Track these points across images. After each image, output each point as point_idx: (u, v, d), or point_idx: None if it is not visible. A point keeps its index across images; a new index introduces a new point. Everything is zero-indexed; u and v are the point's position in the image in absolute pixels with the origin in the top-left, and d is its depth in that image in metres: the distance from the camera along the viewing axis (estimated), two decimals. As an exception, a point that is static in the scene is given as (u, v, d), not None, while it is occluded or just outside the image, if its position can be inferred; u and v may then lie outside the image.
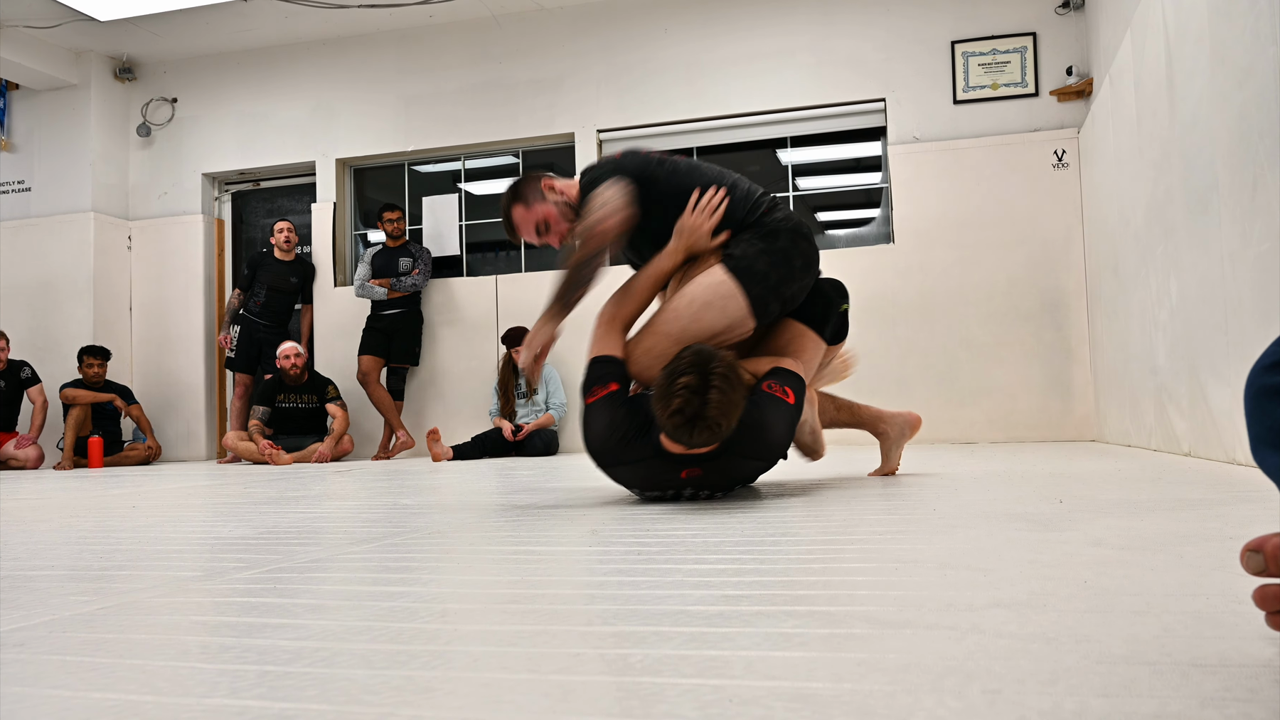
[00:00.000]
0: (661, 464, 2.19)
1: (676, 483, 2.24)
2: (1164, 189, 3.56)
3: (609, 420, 2.25)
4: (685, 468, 2.19)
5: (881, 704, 0.68)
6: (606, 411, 2.27)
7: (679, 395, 2.02)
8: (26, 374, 6.69)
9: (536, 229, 2.64)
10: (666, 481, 2.24)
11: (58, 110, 7.25)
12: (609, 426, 2.24)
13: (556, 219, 2.63)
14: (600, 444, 2.27)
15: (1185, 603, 0.98)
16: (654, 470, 2.22)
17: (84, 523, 2.38)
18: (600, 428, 2.26)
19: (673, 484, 2.24)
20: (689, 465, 2.19)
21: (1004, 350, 5.65)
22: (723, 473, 2.24)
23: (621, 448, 2.23)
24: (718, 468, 2.21)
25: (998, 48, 5.82)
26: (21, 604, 1.23)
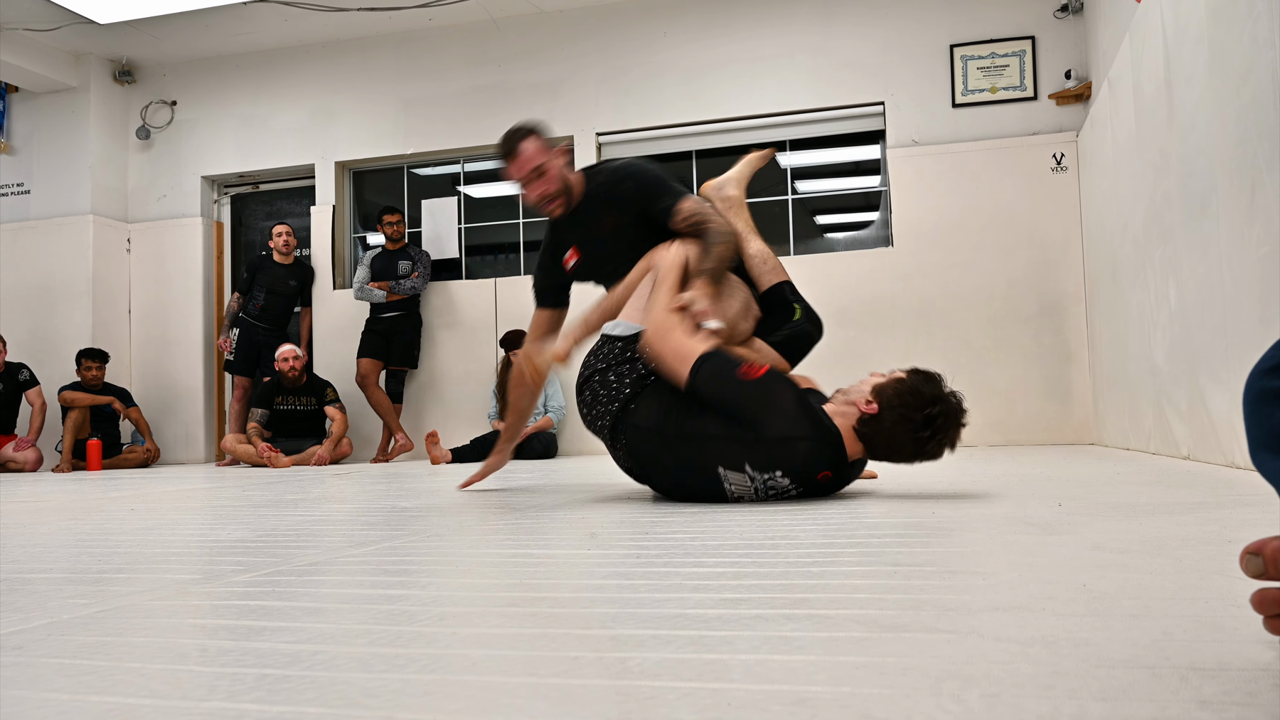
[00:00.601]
0: (823, 453, 2.16)
1: (807, 479, 2.19)
2: (1162, 192, 3.56)
3: (796, 395, 2.19)
4: (829, 469, 2.19)
5: (880, 708, 0.68)
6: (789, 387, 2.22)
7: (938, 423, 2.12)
8: (25, 376, 6.68)
9: (535, 169, 2.72)
10: (805, 472, 2.18)
11: (57, 113, 7.25)
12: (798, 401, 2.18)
13: (553, 175, 2.73)
14: (792, 414, 2.16)
15: (1184, 606, 0.98)
16: (811, 455, 2.16)
17: (82, 525, 2.38)
18: (790, 395, 2.18)
19: (804, 480, 2.19)
20: (837, 468, 2.20)
21: (1003, 353, 5.65)
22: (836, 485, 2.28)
23: (799, 419, 2.16)
24: (841, 479, 2.26)
25: (996, 51, 5.83)
26: (20, 606, 1.23)
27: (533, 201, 2.79)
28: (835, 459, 2.18)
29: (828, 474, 2.20)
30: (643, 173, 2.74)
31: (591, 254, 2.85)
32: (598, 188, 2.79)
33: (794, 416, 2.15)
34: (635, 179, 2.72)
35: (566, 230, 2.88)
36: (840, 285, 5.92)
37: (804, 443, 2.15)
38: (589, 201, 2.80)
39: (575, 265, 2.90)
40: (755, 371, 2.18)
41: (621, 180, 2.74)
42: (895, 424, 2.12)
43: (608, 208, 2.76)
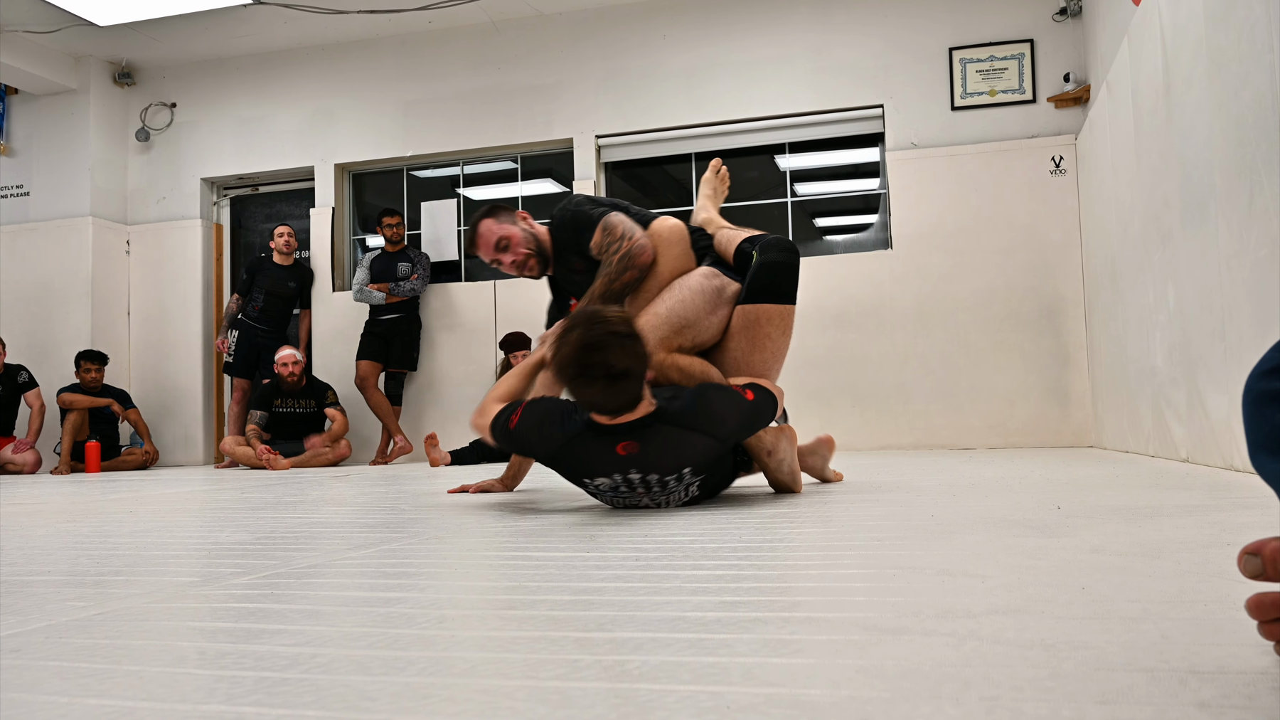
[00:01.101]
0: (597, 442, 2.16)
1: (616, 460, 2.14)
2: (1161, 196, 3.57)
3: (537, 416, 2.28)
4: (619, 441, 2.13)
5: (879, 711, 0.68)
6: (530, 414, 2.30)
7: (565, 346, 2.08)
8: (24, 378, 6.68)
9: (497, 244, 2.83)
10: (606, 462, 2.15)
11: (57, 115, 7.25)
12: (539, 419, 2.27)
13: (518, 241, 2.83)
14: (539, 437, 2.25)
15: (1183, 609, 0.98)
16: (591, 452, 2.17)
17: (81, 528, 2.38)
18: (532, 423, 2.27)
19: (613, 463, 2.14)
20: (622, 438, 2.13)
21: (1002, 356, 5.66)
22: (662, 447, 2.14)
23: (558, 432, 2.21)
24: (654, 441, 2.13)
25: (995, 54, 5.84)
26: (18, 609, 1.23)
27: (513, 272, 2.87)
28: (608, 433, 2.14)
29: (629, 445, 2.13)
30: (565, 215, 2.78)
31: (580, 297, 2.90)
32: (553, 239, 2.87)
33: (541, 436, 2.25)
34: (563, 226, 2.79)
35: (560, 282, 3.01)
36: (839, 288, 5.93)
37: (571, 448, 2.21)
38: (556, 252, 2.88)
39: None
40: (516, 415, 2.31)
41: (558, 229, 2.82)
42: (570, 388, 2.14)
43: (566, 256, 2.84)
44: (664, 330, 2.49)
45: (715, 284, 2.59)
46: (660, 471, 2.16)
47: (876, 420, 5.80)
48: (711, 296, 2.57)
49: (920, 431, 5.73)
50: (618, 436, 2.14)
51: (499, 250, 2.83)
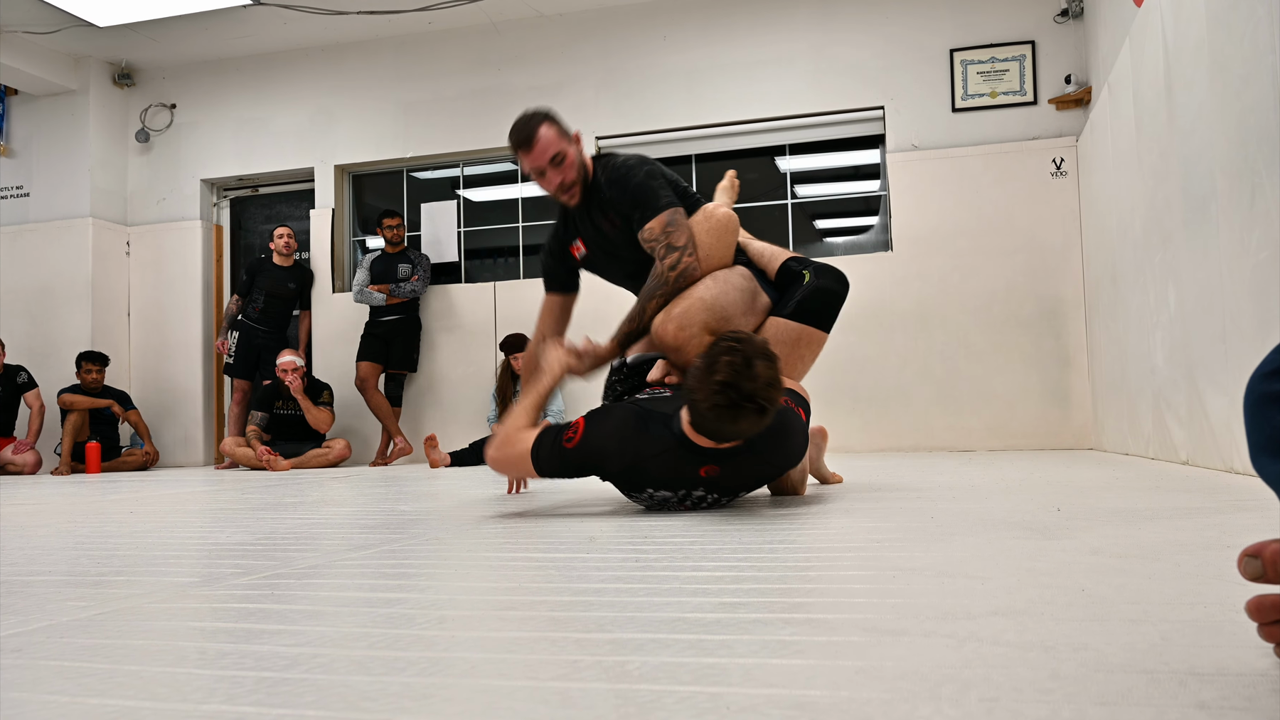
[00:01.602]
0: (683, 461, 2.09)
1: (692, 480, 2.12)
2: (1162, 197, 3.57)
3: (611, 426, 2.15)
4: (706, 464, 2.09)
5: (879, 712, 0.68)
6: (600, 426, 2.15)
7: (722, 370, 1.92)
8: (23, 379, 6.68)
9: (554, 157, 2.63)
10: (683, 479, 2.12)
11: (57, 116, 7.25)
12: (616, 429, 2.13)
13: (571, 163, 2.65)
14: (618, 448, 2.12)
15: (1183, 611, 0.98)
16: (673, 468, 2.11)
17: (81, 528, 2.38)
18: (607, 434, 2.13)
19: (688, 481, 2.12)
20: (710, 461, 2.09)
21: (1002, 358, 5.66)
22: (738, 474, 2.14)
23: (638, 438, 2.09)
24: (736, 467, 2.12)
25: (996, 56, 5.84)
26: (19, 609, 1.23)
27: (551, 190, 2.70)
28: (699, 454, 2.08)
29: (711, 469, 2.11)
30: (632, 180, 2.64)
31: (597, 249, 2.80)
32: (601, 185, 2.71)
33: (622, 446, 2.11)
34: (623, 184, 2.64)
35: (576, 220, 2.81)
36: (839, 289, 5.92)
37: (650, 460, 2.11)
38: (594, 197, 2.72)
39: (583, 256, 2.85)
40: (577, 433, 2.16)
41: (614, 183, 2.67)
42: (695, 404, 1.99)
43: (606, 209, 2.71)
44: (707, 316, 2.44)
45: (751, 287, 2.59)
46: (727, 494, 2.19)
47: (876, 422, 5.80)
48: (749, 298, 2.57)
49: (920, 433, 5.73)
50: (707, 459, 2.09)
51: (553, 164, 2.63)
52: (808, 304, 2.54)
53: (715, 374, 1.93)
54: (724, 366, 1.93)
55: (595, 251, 2.81)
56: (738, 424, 1.96)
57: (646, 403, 2.22)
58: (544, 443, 2.20)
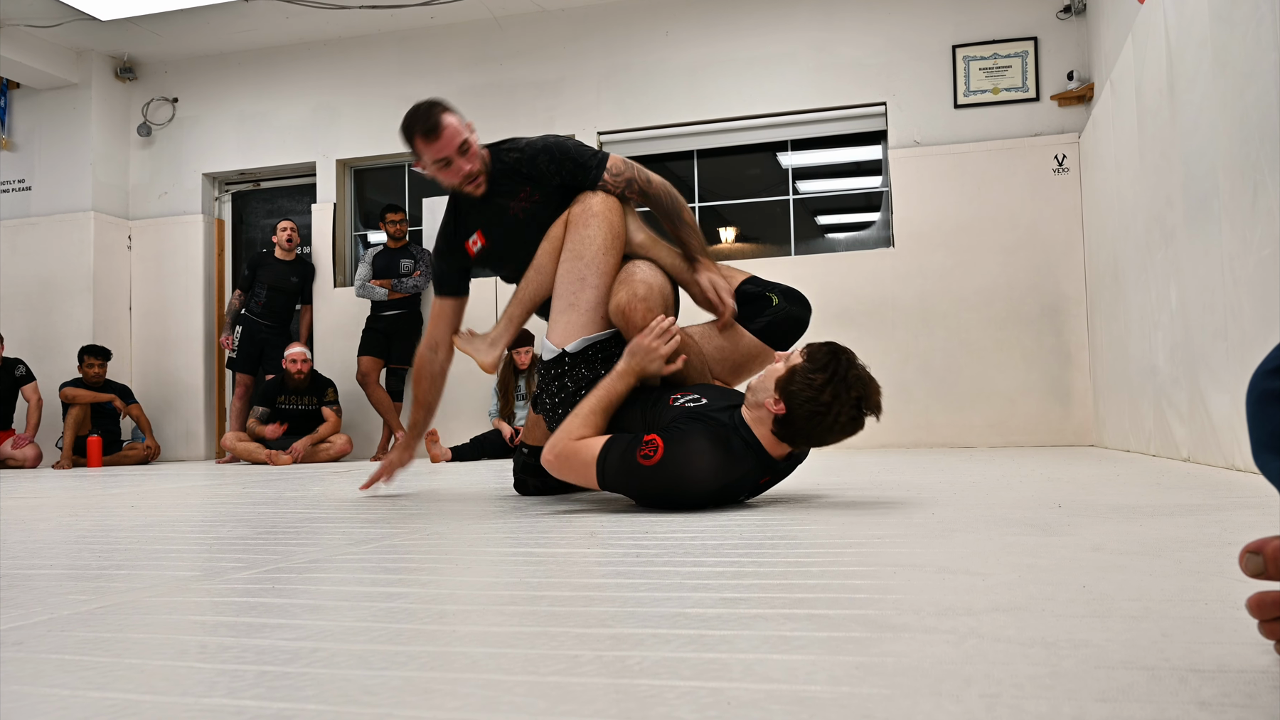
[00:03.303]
0: (756, 468, 2.06)
1: (750, 490, 2.14)
2: (1164, 194, 3.56)
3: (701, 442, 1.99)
4: (768, 474, 2.11)
5: (879, 708, 0.68)
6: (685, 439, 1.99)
7: (855, 385, 1.97)
8: (21, 372, 6.68)
9: (461, 146, 2.58)
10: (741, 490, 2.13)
11: (58, 109, 7.25)
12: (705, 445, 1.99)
13: (475, 153, 2.62)
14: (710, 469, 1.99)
15: (1184, 608, 0.98)
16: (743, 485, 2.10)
17: (82, 522, 2.38)
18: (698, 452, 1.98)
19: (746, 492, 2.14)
20: (773, 470, 2.11)
21: (1003, 355, 5.65)
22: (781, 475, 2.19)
23: (728, 461, 2.02)
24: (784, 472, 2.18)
25: (999, 52, 5.83)
26: (20, 602, 1.23)
27: (456, 181, 2.62)
28: (767, 468, 2.09)
29: (766, 479, 2.15)
30: (557, 145, 2.62)
31: (499, 238, 2.72)
32: (513, 164, 2.65)
33: (715, 468, 2.00)
34: (552, 153, 2.60)
35: (473, 212, 2.74)
36: (841, 286, 5.92)
37: (738, 480, 2.07)
38: (501, 180, 2.66)
39: (480, 250, 2.76)
40: (656, 451, 1.98)
41: (536, 155, 2.62)
42: (808, 419, 1.96)
43: (524, 183, 2.64)
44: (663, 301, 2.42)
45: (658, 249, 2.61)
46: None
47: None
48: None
49: (921, 430, 5.73)
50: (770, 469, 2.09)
51: (460, 152, 2.58)
52: (778, 327, 2.52)
53: (848, 389, 1.96)
54: (855, 381, 1.97)
55: (497, 242, 2.73)
56: (855, 431, 2.01)
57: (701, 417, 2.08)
58: (612, 454, 2.05)
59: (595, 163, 2.59)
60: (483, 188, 2.66)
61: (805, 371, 1.97)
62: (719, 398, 2.18)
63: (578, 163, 2.59)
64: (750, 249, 6.62)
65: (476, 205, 2.72)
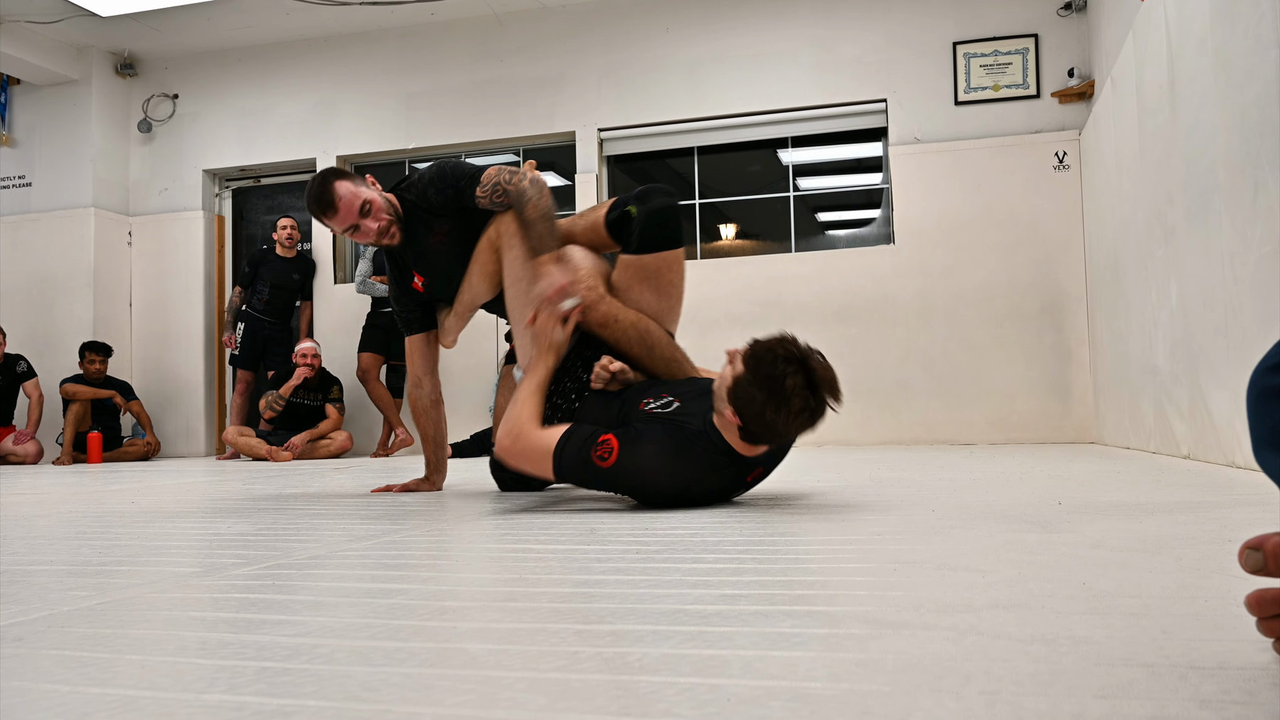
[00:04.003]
0: (733, 472, 2.05)
1: (739, 488, 2.13)
2: (1165, 192, 3.56)
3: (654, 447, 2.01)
4: (752, 470, 2.09)
5: (879, 704, 0.69)
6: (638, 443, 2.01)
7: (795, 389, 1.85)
8: (22, 368, 6.68)
9: (361, 208, 2.64)
10: (727, 490, 2.11)
11: (59, 105, 7.24)
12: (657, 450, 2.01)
13: (380, 206, 2.67)
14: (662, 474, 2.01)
15: (1184, 605, 0.98)
16: (722, 482, 2.07)
17: (83, 518, 2.38)
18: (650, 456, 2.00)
19: (732, 492, 2.13)
20: (756, 466, 2.08)
21: (1004, 352, 5.65)
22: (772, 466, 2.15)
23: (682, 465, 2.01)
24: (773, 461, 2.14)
25: (999, 49, 5.82)
26: (20, 598, 1.23)
27: (371, 240, 2.70)
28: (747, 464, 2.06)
29: (758, 471, 2.12)
30: (438, 173, 2.68)
31: (434, 273, 2.79)
32: (413, 205, 2.73)
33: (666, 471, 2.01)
34: (435, 183, 2.67)
35: (402, 256, 2.82)
36: (841, 283, 5.92)
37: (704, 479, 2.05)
38: (413, 221, 2.74)
39: (426, 286, 2.82)
40: (611, 454, 2.01)
41: (425, 189, 2.69)
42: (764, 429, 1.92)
43: (430, 219, 2.71)
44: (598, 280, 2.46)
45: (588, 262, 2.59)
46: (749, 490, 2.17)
47: (878, 415, 5.80)
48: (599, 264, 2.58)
49: (921, 427, 5.73)
50: (753, 466, 2.07)
51: (363, 215, 2.65)
52: (648, 232, 2.46)
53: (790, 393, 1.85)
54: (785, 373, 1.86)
55: (434, 277, 2.80)
56: (815, 425, 1.93)
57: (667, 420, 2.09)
58: (569, 448, 2.07)
59: (467, 181, 2.63)
60: (397, 237, 2.73)
61: (744, 385, 1.90)
62: (695, 399, 2.14)
63: (455, 186, 2.65)
64: (750, 245, 6.62)
65: (403, 250, 2.79)
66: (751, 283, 6.09)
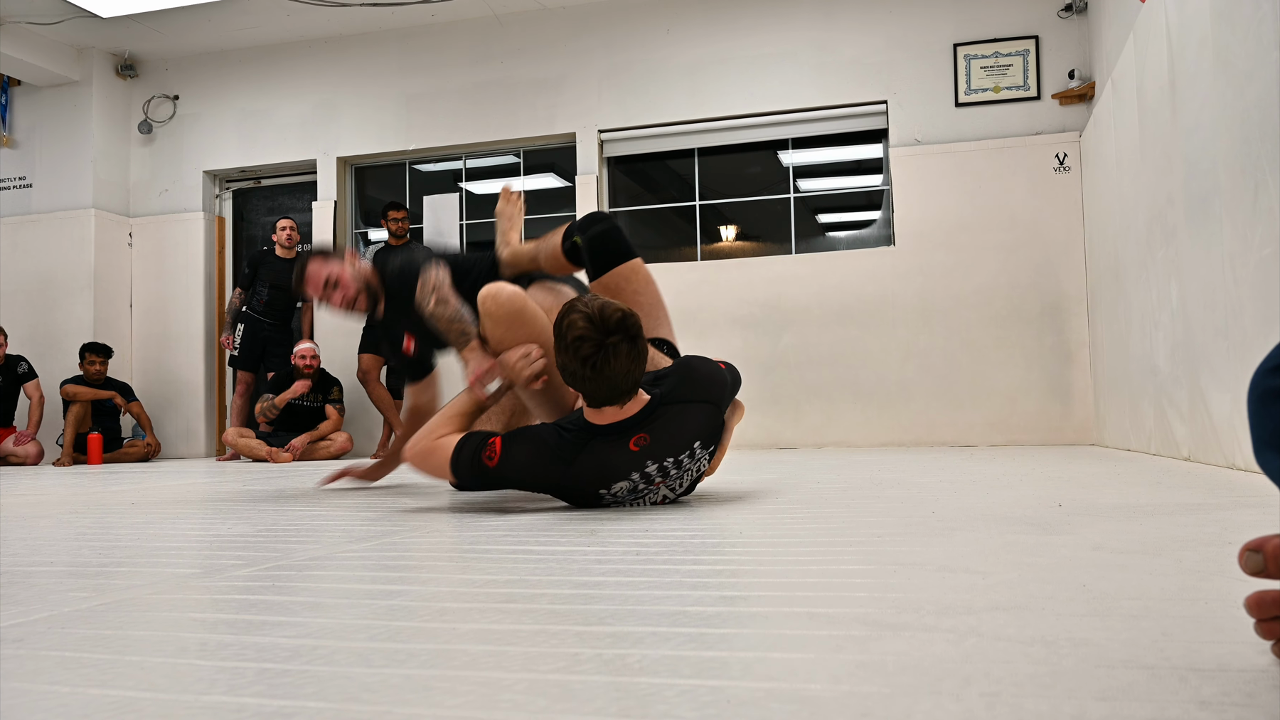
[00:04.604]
0: (608, 446, 2.08)
1: (631, 458, 2.09)
2: (1165, 193, 3.56)
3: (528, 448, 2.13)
4: (632, 436, 2.08)
5: (879, 706, 0.68)
6: (518, 448, 2.13)
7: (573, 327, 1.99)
8: (23, 369, 6.68)
9: (325, 282, 2.93)
10: (622, 463, 2.10)
11: (59, 106, 7.25)
12: (533, 451, 2.12)
13: (347, 281, 2.95)
14: (540, 468, 2.12)
15: (1184, 607, 0.98)
16: (605, 459, 2.09)
17: (83, 519, 2.38)
18: (524, 457, 2.12)
19: (629, 462, 2.10)
20: (633, 432, 2.08)
21: (1004, 353, 5.65)
22: (670, 427, 2.11)
23: (560, 456, 2.10)
24: (662, 424, 2.10)
25: (1000, 50, 5.83)
26: (21, 600, 1.23)
27: (341, 311, 2.98)
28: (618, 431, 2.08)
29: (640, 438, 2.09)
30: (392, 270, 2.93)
31: (422, 334, 2.97)
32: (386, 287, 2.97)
33: (535, 464, 2.11)
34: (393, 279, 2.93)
35: (390, 323, 3.03)
36: (842, 284, 5.92)
37: (581, 459, 2.09)
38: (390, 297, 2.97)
39: (417, 346, 3.01)
40: (495, 455, 2.14)
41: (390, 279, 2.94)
42: (574, 376, 2.02)
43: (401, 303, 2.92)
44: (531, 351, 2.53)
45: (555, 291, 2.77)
46: (674, 453, 2.13)
47: (878, 417, 5.80)
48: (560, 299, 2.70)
49: (921, 428, 5.73)
50: (628, 433, 2.09)
51: (328, 288, 2.94)
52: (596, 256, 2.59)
53: (569, 332, 1.99)
54: (571, 324, 1.99)
55: (421, 337, 2.99)
56: (617, 362, 1.98)
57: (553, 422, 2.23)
58: (464, 452, 2.18)
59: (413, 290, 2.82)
60: (364, 307, 3.00)
61: (557, 352, 2.06)
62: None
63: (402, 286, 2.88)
64: (751, 247, 6.62)
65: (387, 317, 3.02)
66: (752, 284, 6.09)
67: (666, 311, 2.62)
